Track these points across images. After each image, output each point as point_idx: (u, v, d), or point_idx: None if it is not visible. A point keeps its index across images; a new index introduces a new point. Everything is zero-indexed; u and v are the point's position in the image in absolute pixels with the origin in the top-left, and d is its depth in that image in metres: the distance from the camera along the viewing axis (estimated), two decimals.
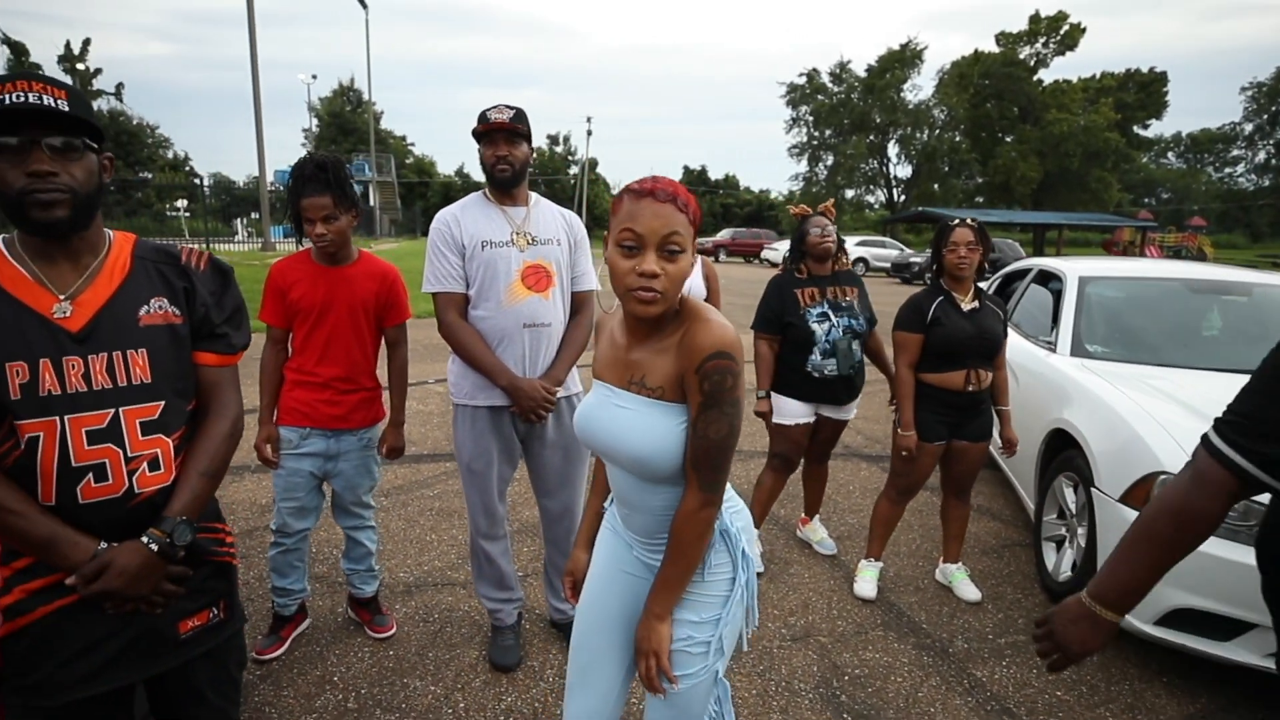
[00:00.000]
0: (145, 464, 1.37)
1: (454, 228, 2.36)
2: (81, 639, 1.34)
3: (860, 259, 26.79)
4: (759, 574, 3.25)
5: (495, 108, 2.32)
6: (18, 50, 39.71)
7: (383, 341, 2.61)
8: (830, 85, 49.37)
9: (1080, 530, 3.00)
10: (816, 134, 50.76)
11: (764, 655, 2.68)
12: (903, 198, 50.28)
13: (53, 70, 40.98)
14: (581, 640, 1.57)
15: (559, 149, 64.10)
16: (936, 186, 48.51)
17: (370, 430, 2.61)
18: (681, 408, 1.32)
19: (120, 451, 1.34)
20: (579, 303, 2.55)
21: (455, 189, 59.03)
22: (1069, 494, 3.15)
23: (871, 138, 48.66)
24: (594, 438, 1.42)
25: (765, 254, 30.98)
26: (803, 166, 51.82)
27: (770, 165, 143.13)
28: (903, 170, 51.09)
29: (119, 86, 43.66)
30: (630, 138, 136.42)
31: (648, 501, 1.42)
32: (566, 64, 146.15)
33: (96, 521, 1.33)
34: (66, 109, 1.25)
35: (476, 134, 2.34)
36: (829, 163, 50.65)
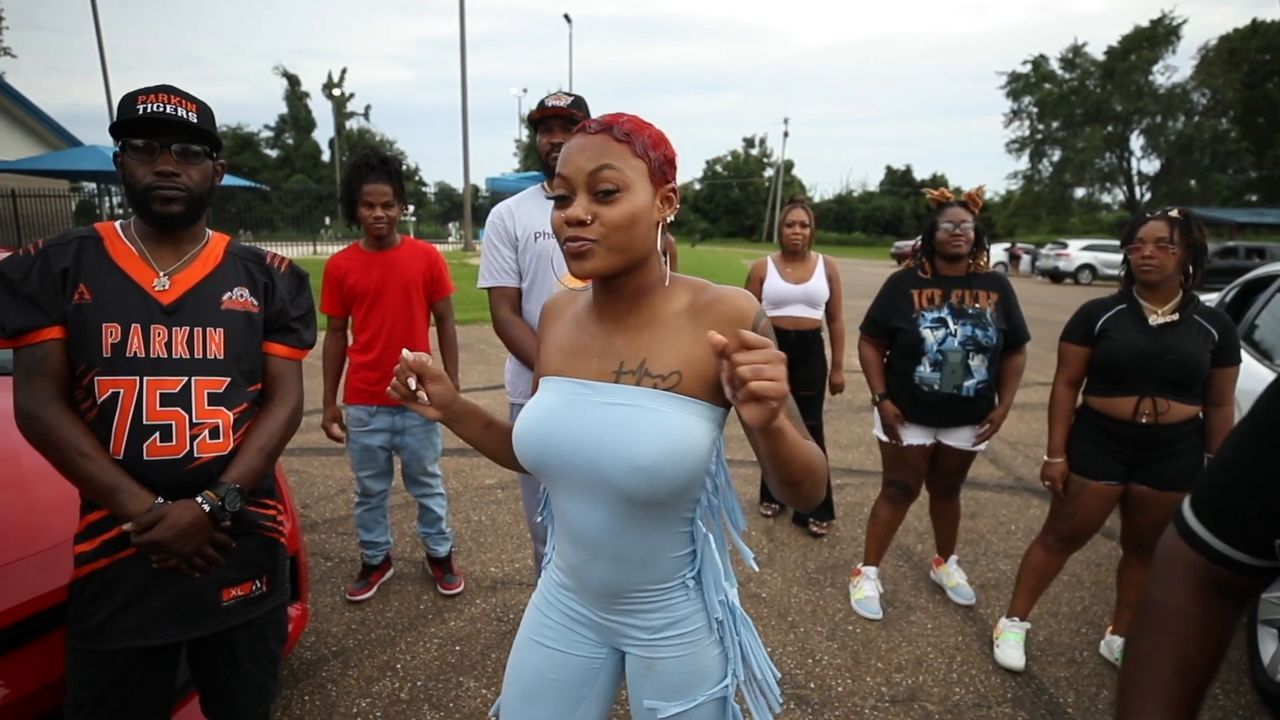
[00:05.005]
0: (206, 431, 1.46)
1: (507, 220, 2.27)
2: (133, 591, 1.42)
3: (1086, 265, 23.84)
4: (874, 619, 2.86)
5: (555, 94, 2.22)
6: (292, 80, 46.72)
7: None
8: (1060, 72, 44.37)
9: None
10: (1041, 127, 45.85)
11: (852, 714, 2.30)
12: (1147, 196, 43.95)
13: (317, 96, 47.70)
14: None
15: (754, 151, 63.66)
16: (1193, 183, 41.83)
17: None
18: (705, 406, 1.02)
19: (186, 416, 1.43)
20: None
21: None
22: None
23: (1109, 129, 43.02)
24: (562, 450, 1.05)
25: None
26: (1023, 163, 47.12)
27: (983, 163, 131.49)
28: (1148, 165, 44.68)
29: (367, 108, 50.05)
30: (829, 138, 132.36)
31: (626, 543, 1.08)
32: (766, 66, 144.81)
33: (156, 479, 1.41)
34: (194, 120, 1.42)
35: (533, 120, 2.24)
36: (1055, 158, 45.55)
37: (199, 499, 1.42)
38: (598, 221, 0.99)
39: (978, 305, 2.70)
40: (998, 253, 28.03)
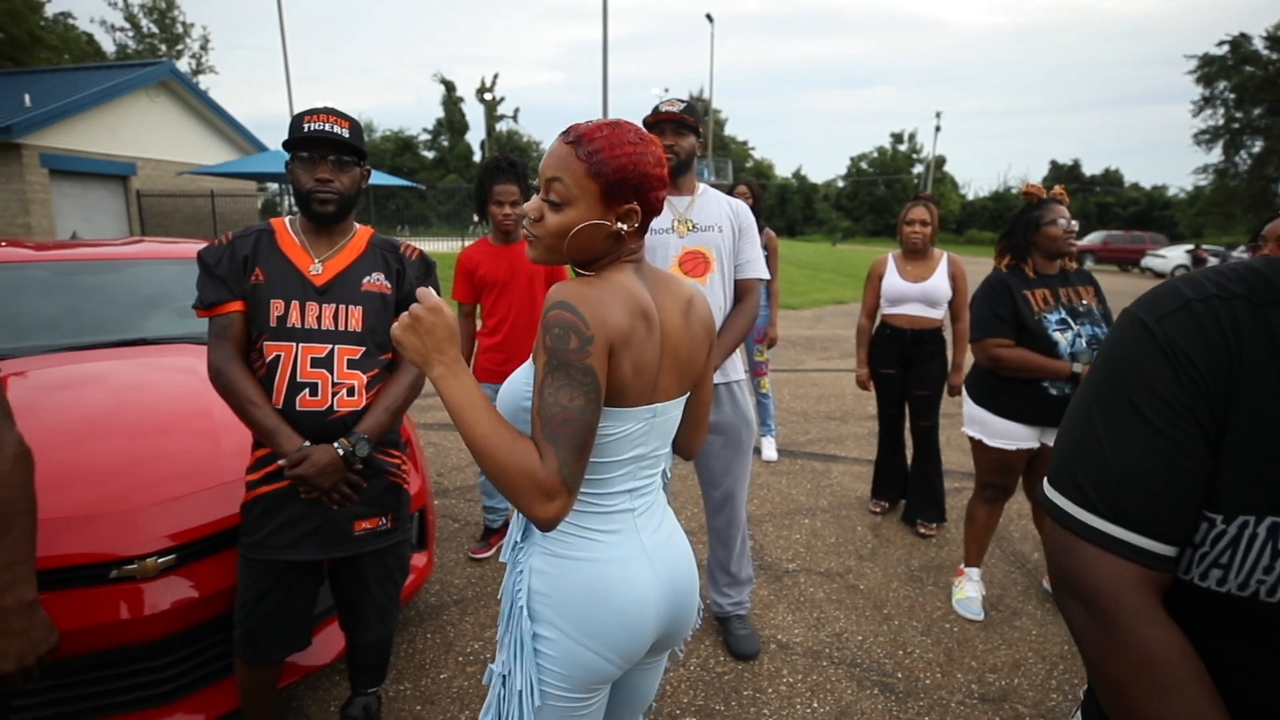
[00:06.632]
0: (344, 390, 1.76)
1: None
2: (287, 516, 1.75)
3: None
4: (974, 620, 2.80)
5: (668, 100, 2.38)
6: (449, 86, 49.88)
7: None
8: (1265, 53, 39.23)
9: None
10: (1239, 115, 40.73)
11: (936, 706, 2.30)
12: None
13: (471, 101, 50.62)
14: None
15: (902, 147, 60.96)
16: None
17: None
18: (532, 367, 1.13)
19: (329, 376, 1.75)
20: (743, 290, 2.46)
21: (791, 190, 59.83)
22: None
23: None
24: None
25: (1147, 261, 25.95)
26: (1214, 156, 41.91)
27: (1163, 156, 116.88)
28: None
29: (516, 111, 52.54)
30: (986, 131, 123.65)
31: None
32: (920, 57, 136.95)
33: (305, 426, 1.73)
34: (347, 136, 1.72)
35: (647, 124, 2.40)
36: (1255, 149, 40.35)
37: (335, 444, 1.71)
38: (542, 222, 1.13)
39: (1085, 303, 2.61)
40: (1178, 255, 25.49)
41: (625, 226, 1.13)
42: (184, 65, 36.33)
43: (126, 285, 3.23)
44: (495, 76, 53.42)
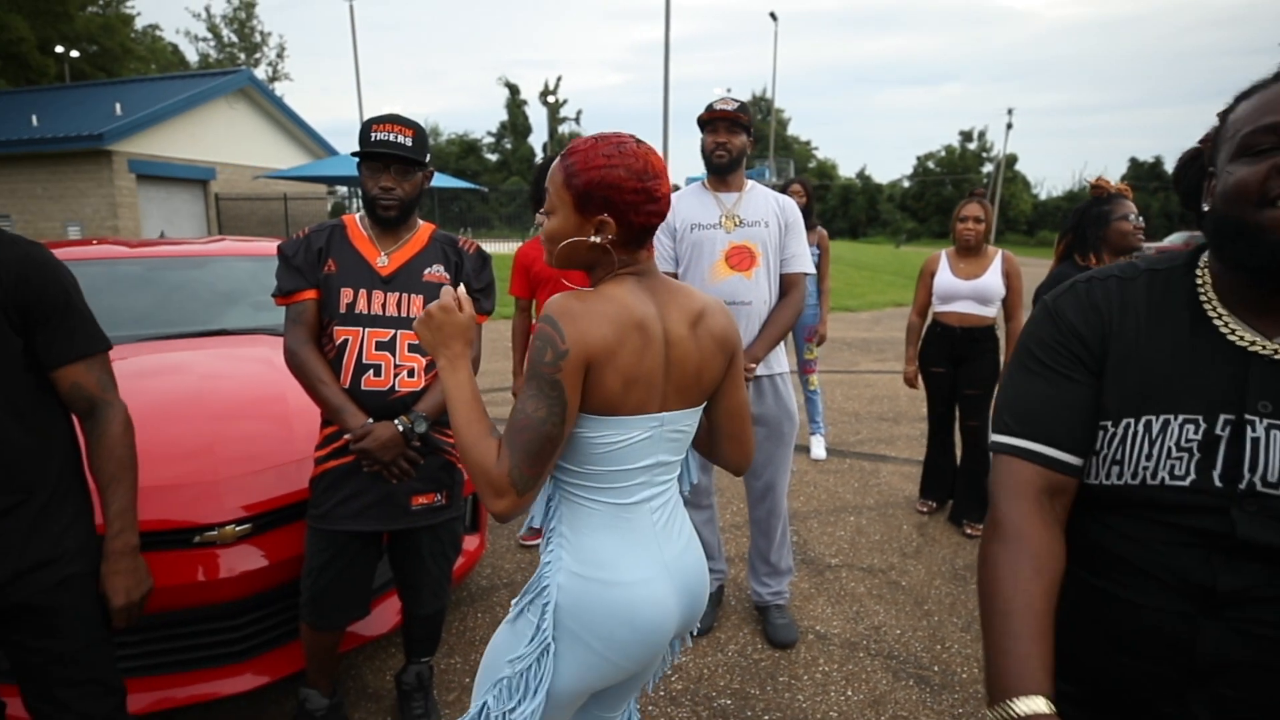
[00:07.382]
0: (405, 371, 1.91)
1: (669, 213, 2.53)
2: (350, 490, 1.89)
3: None
4: None
5: (722, 99, 2.45)
6: (513, 90, 50.83)
7: None
8: None
9: None
10: None
11: (972, 699, 2.31)
12: None
13: (535, 103, 51.43)
14: None
15: (971, 146, 59.25)
16: None
17: None
18: None
19: (392, 359, 1.90)
20: (789, 284, 2.52)
21: (855, 191, 58.80)
22: None
23: None
24: None
25: None
26: None
27: None
28: None
29: (578, 113, 53.02)
30: (1062, 129, 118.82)
31: None
32: (994, 52, 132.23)
33: (369, 405, 1.88)
34: (409, 145, 1.87)
35: (701, 121, 2.47)
36: None
37: (396, 422, 1.85)
38: (544, 229, 1.23)
39: None
40: None
41: (598, 238, 1.15)
42: (261, 73, 38.06)
43: (208, 281, 3.48)
44: (559, 79, 54.15)
